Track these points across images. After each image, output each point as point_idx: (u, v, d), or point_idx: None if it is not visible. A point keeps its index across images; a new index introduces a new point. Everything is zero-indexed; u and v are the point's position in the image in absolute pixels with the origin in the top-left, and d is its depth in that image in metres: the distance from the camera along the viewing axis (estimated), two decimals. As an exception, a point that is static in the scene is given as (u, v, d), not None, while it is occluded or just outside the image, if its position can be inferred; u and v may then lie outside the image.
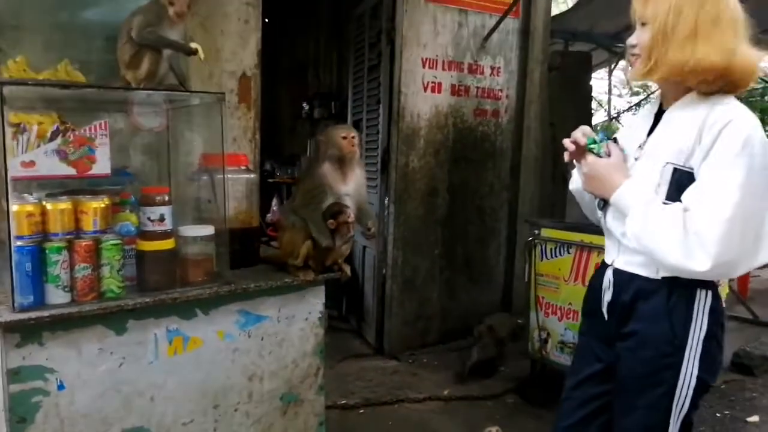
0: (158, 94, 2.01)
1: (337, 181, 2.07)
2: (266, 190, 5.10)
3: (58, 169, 1.74)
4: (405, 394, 3.38)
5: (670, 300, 1.42)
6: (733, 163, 1.29)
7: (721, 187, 1.29)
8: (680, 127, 1.40)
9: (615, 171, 1.47)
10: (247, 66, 3.03)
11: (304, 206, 2.07)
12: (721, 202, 1.28)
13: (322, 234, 2.01)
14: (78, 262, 1.64)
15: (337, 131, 2.10)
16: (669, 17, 1.36)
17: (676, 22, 1.36)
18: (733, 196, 1.28)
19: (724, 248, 1.27)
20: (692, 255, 1.30)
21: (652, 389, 1.44)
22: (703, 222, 1.29)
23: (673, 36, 1.36)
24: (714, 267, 1.29)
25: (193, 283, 1.85)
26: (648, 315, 1.45)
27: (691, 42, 1.34)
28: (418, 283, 4.10)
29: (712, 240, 1.27)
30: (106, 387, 1.70)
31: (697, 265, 1.29)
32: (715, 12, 1.35)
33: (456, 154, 4.16)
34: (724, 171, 1.30)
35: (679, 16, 1.35)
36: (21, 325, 1.55)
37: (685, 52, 1.34)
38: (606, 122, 10.48)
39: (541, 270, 3.35)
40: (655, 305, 1.43)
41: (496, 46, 4.24)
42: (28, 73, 1.95)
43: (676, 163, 1.38)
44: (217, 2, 2.91)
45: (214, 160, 2.00)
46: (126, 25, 1.92)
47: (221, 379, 1.92)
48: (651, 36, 1.39)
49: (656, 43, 1.38)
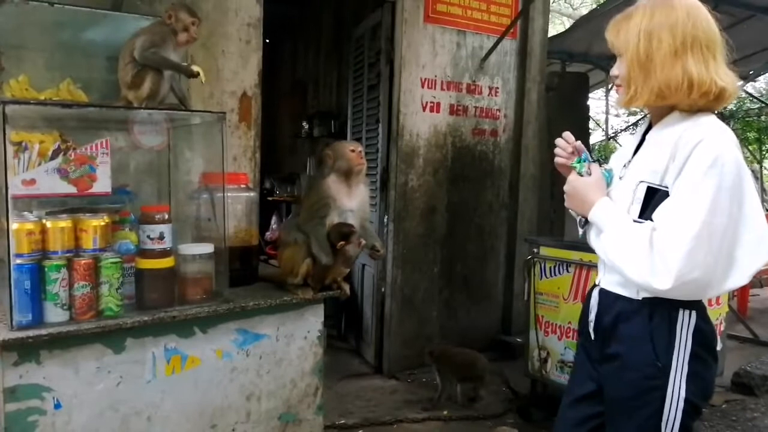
0: (159, 113, 2.02)
1: (342, 195, 2.08)
2: (266, 209, 5.10)
3: (59, 188, 1.74)
4: (404, 414, 3.35)
5: (651, 321, 1.40)
6: (702, 181, 1.29)
7: (688, 205, 1.29)
8: (657, 147, 1.41)
9: (592, 189, 1.50)
10: (247, 86, 3.06)
11: (307, 221, 2.07)
12: (687, 219, 1.28)
13: (322, 251, 2.01)
14: (77, 280, 1.64)
15: (345, 145, 2.13)
16: (640, 46, 1.38)
17: (648, 49, 1.37)
18: (699, 213, 1.27)
19: (687, 266, 1.26)
20: (655, 272, 1.29)
21: (638, 411, 1.42)
22: (667, 239, 1.29)
23: (647, 63, 1.38)
24: (676, 285, 1.27)
25: (192, 302, 1.85)
26: (629, 337, 1.43)
27: (667, 66, 1.35)
28: (418, 302, 4.09)
29: (675, 257, 1.27)
30: (104, 406, 1.69)
31: (659, 282, 1.29)
32: (685, 35, 1.36)
33: (455, 172, 4.17)
34: (692, 189, 1.30)
35: (649, 42, 1.37)
36: (19, 343, 1.54)
37: (661, 76, 1.36)
38: (603, 142, 10.54)
39: (540, 289, 3.35)
40: (637, 327, 1.42)
41: (494, 66, 4.28)
42: (30, 92, 1.97)
43: (651, 182, 1.38)
44: (218, 23, 2.95)
45: (214, 179, 2.01)
46: (128, 45, 1.94)
47: (219, 399, 1.91)
48: (626, 66, 1.42)
49: (632, 72, 1.40)
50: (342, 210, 2.07)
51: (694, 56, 1.35)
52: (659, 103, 1.41)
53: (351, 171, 2.09)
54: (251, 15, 3.05)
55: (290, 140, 6.76)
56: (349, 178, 2.10)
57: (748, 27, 5.12)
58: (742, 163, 1.34)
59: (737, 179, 1.31)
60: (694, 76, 1.34)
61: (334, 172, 2.09)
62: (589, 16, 5.97)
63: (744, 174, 1.33)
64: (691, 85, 1.34)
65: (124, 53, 1.95)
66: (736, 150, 1.34)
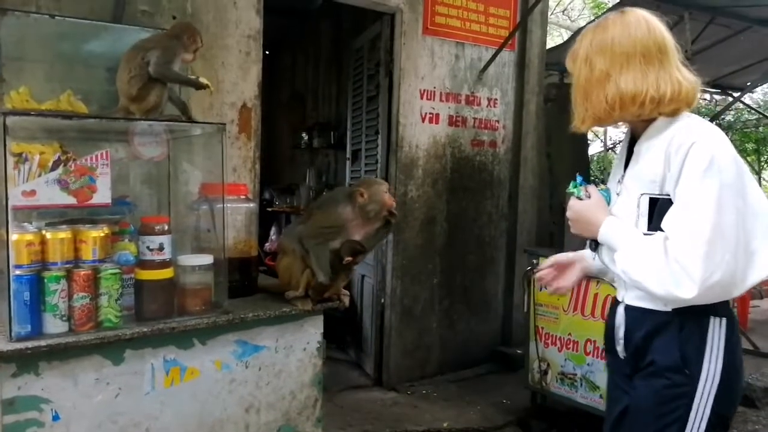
0: (159, 124, 2.03)
1: (354, 229, 2.05)
2: (265, 220, 5.10)
3: (59, 199, 1.74)
4: (404, 426, 3.33)
5: (682, 332, 1.38)
6: (703, 183, 1.28)
7: (695, 209, 1.28)
8: (649, 156, 1.40)
9: (595, 210, 1.49)
10: (247, 97, 3.07)
11: (312, 237, 2.05)
12: (697, 224, 1.27)
13: (321, 270, 2.00)
14: (76, 291, 1.64)
15: (382, 187, 2.07)
16: (581, 73, 1.45)
17: (587, 75, 1.43)
18: (708, 216, 1.27)
19: (707, 270, 1.25)
20: (678, 282, 1.27)
21: (662, 419, 1.39)
22: (682, 247, 1.27)
23: (587, 85, 1.44)
24: (702, 291, 1.26)
25: (191, 313, 1.85)
26: (662, 347, 1.40)
27: (599, 88, 1.41)
28: (417, 313, 4.08)
29: (694, 264, 1.25)
30: (102, 418, 1.68)
31: (684, 292, 1.27)
32: (615, 54, 1.40)
33: (454, 183, 4.18)
34: (695, 193, 1.29)
35: (588, 68, 1.43)
36: (17, 354, 1.54)
37: (596, 100, 1.41)
38: (602, 153, 10.57)
39: (540, 300, 3.34)
40: (669, 338, 1.39)
41: (492, 78, 4.30)
42: (30, 103, 1.98)
43: (652, 193, 1.39)
44: (218, 35, 2.96)
45: (213, 190, 2.01)
46: (131, 57, 1.94)
47: (218, 411, 1.90)
48: (574, 89, 1.49)
49: (578, 94, 1.47)
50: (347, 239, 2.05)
51: (629, 71, 1.38)
52: (603, 124, 1.48)
53: (379, 216, 2.05)
54: (251, 27, 3.06)
55: (290, 151, 6.77)
56: (372, 220, 2.06)
57: (745, 39, 5.15)
58: (737, 156, 1.35)
59: (736, 174, 1.31)
60: (632, 91, 1.37)
61: (359, 209, 2.04)
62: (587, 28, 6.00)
63: (741, 167, 1.34)
64: (633, 100, 1.37)
65: (127, 65, 1.94)
66: (729, 145, 1.35)
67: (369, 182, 2.16)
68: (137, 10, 2.69)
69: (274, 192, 6.53)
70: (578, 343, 3.14)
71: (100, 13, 2.50)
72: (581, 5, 13.08)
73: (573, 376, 3.17)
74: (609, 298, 2.98)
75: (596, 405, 3.06)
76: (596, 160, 10.16)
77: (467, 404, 3.67)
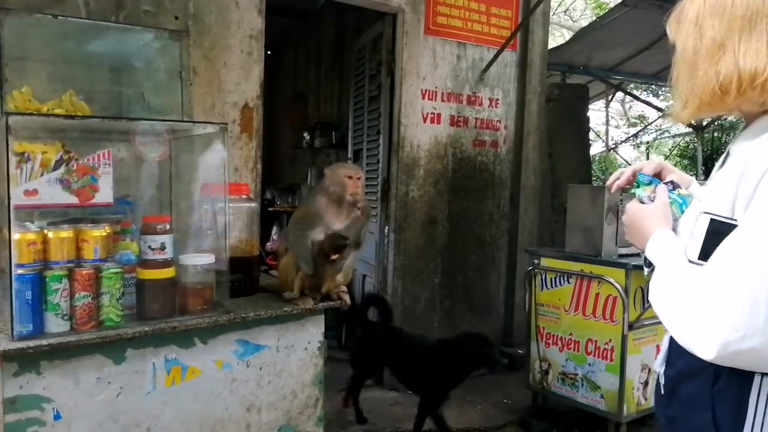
0: (161, 123, 2.04)
1: (330, 215, 2.07)
2: (266, 219, 5.10)
3: (61, 198, 1.75)
4: (405, 426, 3.33)
5: (716, 384, 1.04)
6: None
7: (750, 246, 0.93)
8: (732, 164, 1.06)
9: (652, 219, 1.19)
10: (249, 97, 3.07)
11: (292, 232, 2.08)
12: (745, 267, 0.92)
13: (303, 260, 2.02)
14: (78, 290, 1.64)
15: (343, 170, 2.09)
16: (690, 36, 1.08)
17: (698, 41, 1.06)
18: (764, 260, 0.91)
19: (738, 332, 0.91)
20: (699, 335, 0.96)
21: None
22: (714, 294, 0.94)
23: (695, 57, 1.07)
24: (723, 356, 0.93)
25: (193, 312, 1.85)
26: (688, 399, 1.10)
27: (720, 57, 1.03)
28: (418, 313, 4.08)
29: (722, 319, 0.92)
30: (103, 417, 1.69)
31: (701, 349, 0.96)
32: (749, 10, 1.01)
33: (455, 183, 4.18)
34: (759, 228, 0.94)
35: (700, 30, 1.06)
36: (19, 353, 1.54)
37: (710, 72, 1.04)
38: (603, 153, 10.56)
39: (541, 300, 3.34)
40: (698, 388, 1.07)
41: (494, 78, 4.30)
42: (32, 103, 1.98)
43: (716, 213, 1.04)
44: (220, 35, 2.97)
45: (215, 189, 2.01)
46: None
47: (219, 410, 1.90)
48: (676, 64, 1.12)
49: (682, 70, 1.10)
50: (329, 229, 2.06)
51: (752, 41, 1.01)
52: (712, 113, 1.11)
53: (342, 199, 2.05)
54: (253, 27, 3.07)
55: (291, 151, 6.77)
56: (340, 203, 2.07)
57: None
58: None
59: None
60: (753, 69, 0.99)
61: (327, 194, 2.07)
62: (589, 28, 6.00)
63: None
64: (752, 81, 1.00)
65: None
66: None
67: (334, 165, 2.17)
68: (140, 10, 2.70)
69: (276, 192, 6.53)
70: (579, 343, 3.14)
71: (101, 13, 2.51)
72: (583, 5, 13.08)
73: (574, 376, 3.17)
74: (610, 299, 2.99)
75: (597, 405, 3.06)
76: (598, 161, 10.16)
77: (468, 404, 3.67)
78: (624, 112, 13.99)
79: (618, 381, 2.96)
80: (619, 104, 13.62)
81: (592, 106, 9.33)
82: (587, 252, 3.13)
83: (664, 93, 11.14)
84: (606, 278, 2.96)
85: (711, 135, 8.98)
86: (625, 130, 13.10)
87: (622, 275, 2.93)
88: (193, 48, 2.85)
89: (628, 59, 6.39)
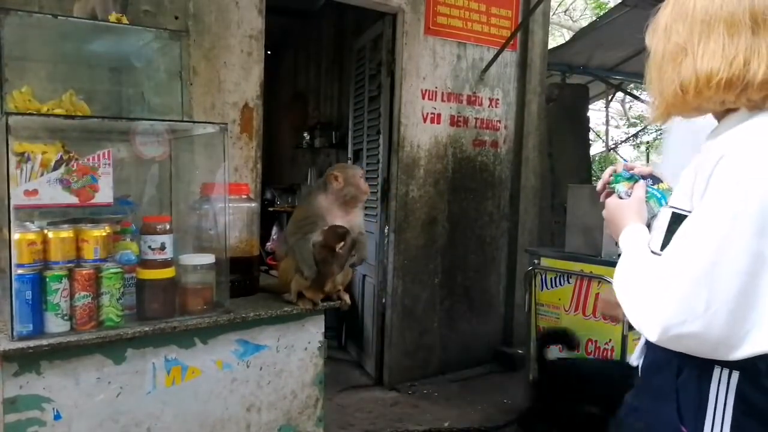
0: (161, 123, 2.04)
1: (333, 216, 2.06)
2: (266, 219, 5.10)
3: (61, 198, 1.75)
4: (405, 426, 3.34)
5: (680, 376, 1.09)
6: (716, 208, 0.99)
7: (694, 237, 1.00)
8: (692, 162, 1.12)
9: (626, 213, 1.26)
10: (249, 97, 3.08)
11: (292, 234, 2.07)
12: (688, 256, 0.99)
13: (305, 264, 2.00)
14: (78, 290, 1.64)
15: (357, 171, 2.09)
16: (659, 44, 1.14)
17: (664, 47, 1.13)
18: (706, 249, 0.98)
19: (677, 316, 0.98)
20: (645, 318, 1.04)
21: None
22: (661, 278, 1.02)
23: (662, 62, 1.13)
24: (666, 338, 1.00)
25: (193, 312, 1.85)
26: (657, 390, 1.14)
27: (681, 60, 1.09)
28: (418, 313, 4.08)
29: (665, 303, 1.00)
30: (103, 417, 1.69)
31: (647, 330, 1.03)
32: (708, 15, 1.07)
33: (455, 183, 4.18)
34: (703, 218, 1.01)
35: (667, 36, 1.12)
36: (19, 353, 1.54)
37: (672, 76, 1.10)
38: (604, 153, 10.56)
39: (541, 300, 3.34)
40: (664, 380, 1.12)
41: (494, 78, 4.30)
42: (32, 103, 1.98)
43: (678, 207, 1.11)
44: (220, 35, 2.97)
45: (215, 189, 2.01)
46: None
47: (219, 410, 1.90)
48: (648, 70, 1.17)
49: (653, 76, 1.16)
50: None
51: (709, 44, 1.05)
52: (679, 113, 1.14)
53: (357, 200, 2.06)
54: (253, 27, 3.07)
55: (291, 151, 6.77)
56: (349, 204, 2.07)
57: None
58: None
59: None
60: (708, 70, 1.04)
61: (335, 194, 2.06)
62: (589, 28, 6.00)
63: None
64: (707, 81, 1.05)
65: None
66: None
67: (343, 166, 2.16)
68: (140, 10, 2.70)
69: (276, 192, 6.54)
70: (579, 343, 3.14)
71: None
72: (583, 5, 13.08)
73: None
74: (610, 299, 2.99)
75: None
76: (597, 161, 10.15)
77: (468, 404, 3.67)
78: (624, 112, 13.99)
79: (618, 381, 2.96)
80: (619, 104, 13.62)
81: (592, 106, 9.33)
82: (587, 252, 3.14)
83: (664, 93, 11.11)
84: (606, 278, 2.96)
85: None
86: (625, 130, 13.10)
87: (622, 275, 2.92)
88: (193, 48, 2.85)
89: (628, 59, 6.38)
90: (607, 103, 9.50)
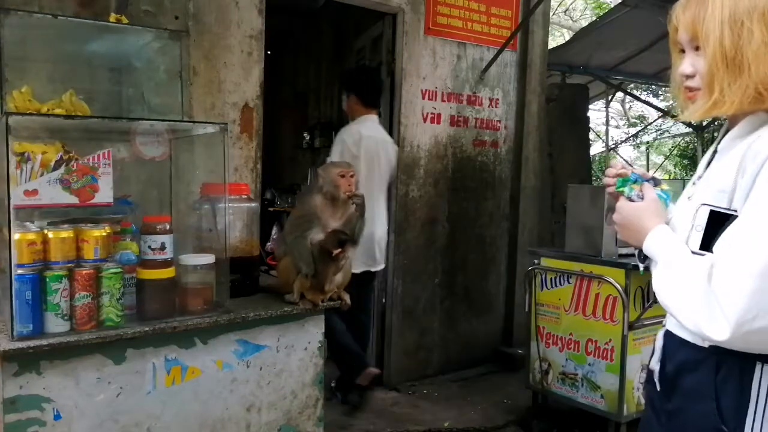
0: (161, 123, 2.04)
1: (327, 214, 2.07)
2: (266, 219, 5.10)
3: (61, 198, 1.75)
4: (405, 425, 3.34)
5: (718, 374, 1.09)
6: None
7: (756, 233, 1.00)
8: (728, 158, 1.12)
9: (646, 215, 1.23)
10: (249, 97, 3.07)
11: (289, 233, 2.08)
12: (753, 251, 0.99)
13: (303, 261, 2.01)
14: (78, 290, 1.64)
15: (335, 169, 2.09)
16: (725, 37, 1.07)
17: (736, 42, 1.06)
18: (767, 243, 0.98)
19: (749, 312, 0.97)
20: (710, 318, 1.01)
21: None
22: (725, 276, 1.01)
23: (737, 58, 1.06)
24: (737, 336, 0.98)
25: (193, 312, 1.85)
26: (691, 391, 1.14)
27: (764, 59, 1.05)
28: (418, 313, 4.08)
29: (734, 300, 0.98)
30: (103, 417, 1.69)
31: (715, 331, 1.01)
32: None
33: (455, 183, 4.18)
34: (760, 212, 1.00)
35: (738, 33, 1.06)
36: (19, 353, 1.54)
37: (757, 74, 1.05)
38: (604, 153, 10.56)
39: (541, 300, 3.34)
40: (701, 380, 1.12)
41: (494, 78, 4.30)
42: (32, 103, 1.98)
43: (715, 205, 1.10)
44: (220, 35, 2.97)
45: (215, 189, 2.01)
46: None
47: (219, 410, 1.90)
48: (708, 62, 1.10)
49: (715, 70, 1.09)
50: (326, 228, 2.06)
51: None
52: (753, 108, 1.10)
53: (336, 197, 2.06)
54: (253, 27, 3.07)
55: (291, 151, 6.78)
56: (335, 201, 2.08)
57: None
58: None
59: None
60: None
61: (322, 193, 2.08)
62: (589, 28, 6.01)
63: None
64: None
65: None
66: None
67: (326, 164, 2.18)
68: (140, 10, 2.70)
69: (276, 192, 6.54)
70: (579, 343, 3.14)
71: (102, 13, 2.51)
72: (583, 5, 13.09)
73: (574, 376, 3.17)
74: (610, 299, 2.99)
75: (597, 405, 3.06)
76: (598, 161, 10.16)
77: (468, 404, 3.67)
78: (624, 112, 14.00)
79: (618, 381, 2.96)
80: (619, 104, 13.64)
81: (592, 106, 9.34)
82: (587, 252, 3.14)
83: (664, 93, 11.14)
84: (606, 278, 2.96)
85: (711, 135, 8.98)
86: (625, 130, 13.12)
87: (622, 275, 2.93)
88: (193, 48, 2.85)
89: (628, 59, 6.39)
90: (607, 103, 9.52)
